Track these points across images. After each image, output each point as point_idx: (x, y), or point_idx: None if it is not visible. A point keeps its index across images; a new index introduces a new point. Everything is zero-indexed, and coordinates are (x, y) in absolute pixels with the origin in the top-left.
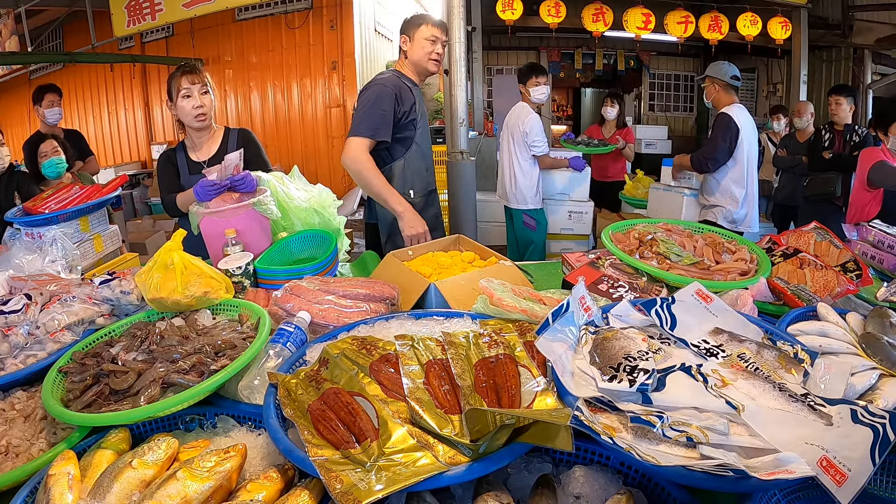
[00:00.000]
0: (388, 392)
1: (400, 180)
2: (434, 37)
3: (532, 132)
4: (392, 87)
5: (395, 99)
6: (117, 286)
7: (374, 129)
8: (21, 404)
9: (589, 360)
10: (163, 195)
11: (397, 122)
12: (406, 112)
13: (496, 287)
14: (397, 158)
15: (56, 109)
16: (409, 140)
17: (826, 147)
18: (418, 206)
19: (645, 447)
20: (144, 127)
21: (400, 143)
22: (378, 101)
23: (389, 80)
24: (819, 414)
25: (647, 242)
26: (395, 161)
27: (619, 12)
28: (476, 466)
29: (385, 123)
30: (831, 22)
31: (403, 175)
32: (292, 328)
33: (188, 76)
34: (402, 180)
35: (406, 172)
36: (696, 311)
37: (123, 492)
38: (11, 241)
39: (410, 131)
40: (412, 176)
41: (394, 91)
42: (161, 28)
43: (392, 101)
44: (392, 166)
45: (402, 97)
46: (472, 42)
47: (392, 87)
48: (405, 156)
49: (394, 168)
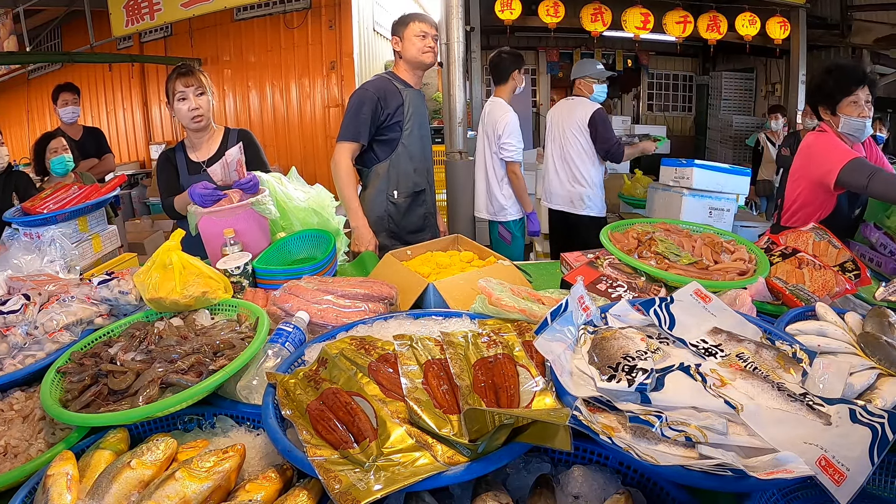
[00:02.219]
0: (387, 392)
1: (384, 181)
2: (423, 32)
3: (505, 132)
4: (374, 91)
5: (376, 103)
6: (116, 286)
7: (357, 132)
8: (19, 405)
9: (587, 359)
10: (162, 197)
11: (380, 125)
12: (391, 114)
13: (495, 287)
14: (382, 160)
15: (70, 108)
16: (395, 142)
17: None
18: (402, 207)
19: (644, 447)
20: (143, 127)
21: (385, 144)
22: (359, 105)
23: (372, 84)
24: (818, 413)
25: (646, 242)
26: (380, 162)
27: (618, 12)
28: (475, 466)
29: (366, 127)
30: (830, 22)
31: (387, 176)
32: (291, 328)
33: (182, 79)
34: (385, 181)
35: (390, 174)
36: (695, 310)
37: (122, 492)
38: (10, 241)
39: (396, 133)
40: (397, 177)
41: (375, 94)
42: (160, 28)
43: (373, 104)
44: (376, 167)
45: (387, 100)
46: (470, 42)
47: (374, 90)
48: (390, 157)
49: (378, 169)
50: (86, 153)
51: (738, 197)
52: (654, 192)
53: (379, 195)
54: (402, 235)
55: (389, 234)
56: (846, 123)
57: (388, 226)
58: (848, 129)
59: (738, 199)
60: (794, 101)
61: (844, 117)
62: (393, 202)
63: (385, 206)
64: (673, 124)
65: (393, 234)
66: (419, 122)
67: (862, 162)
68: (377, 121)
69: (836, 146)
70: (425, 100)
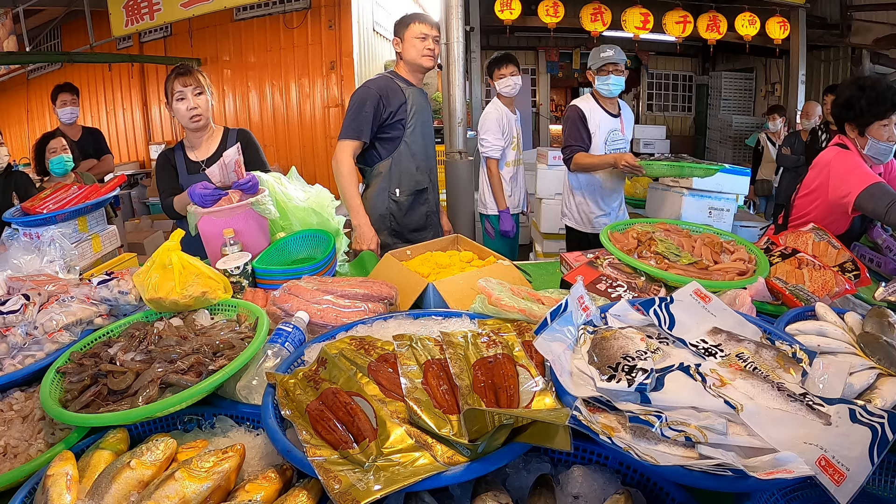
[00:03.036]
0: (387, 392)
1: (385, 179)
2: (423, 34)
3: (482, 128)
4: (376, 89)
5: (378, 100)
6: (115, 286)
7: (359, 130)
8: (19, 405)
9: (587, 359)
10: (162, 197)
11: (382, 123)
12: (393, 112)
13: (494, 287)
14: (385, 158)
15: (69, 109)
16: (397, 140)
17: (824, 147)
18: (404, 206)
19: (643, 447)
20: (143, 127)
21: (388, 142)
22: (361, 103)
23: (375, 83)
24: (817, 413)
25: (646, 242)
26: (382, 160)
27: (618, 12)
28: (474, 466)
29: (368, 125)
30: (829, 22)
31: (389, 174)
32: (290, 328)
33: (181, 78)
34: (387, 179)
35: (392, 172)
36: (695, 310)
37: (121, 492)
38: (9, 241)
39: (398, 131)
40: (399, 175)
41: (378, 92)
42: (159, 28)
43: (375, 102)
44: (378, 165)
45: (389, 98)
46: (470, 42)
47: (376, 88)
48: (392, 155)
49: (380, 167)
50: (85, 153)
51: (738, 197)
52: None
53: (381, 193)
54: (404, 234)
55: (391, 232)
56: (873, 146)
57: (390, 224)
58: (874, 153)
59: (737, 199)
60: (793, 101)
61: (873, 140)
62: (395, 200)
63: (387, 204)
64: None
65: (395, 232)
66: (422, 120)
67: (882, 188)
68: (379, 119)
69: (857, 167)
70: (428, 98)
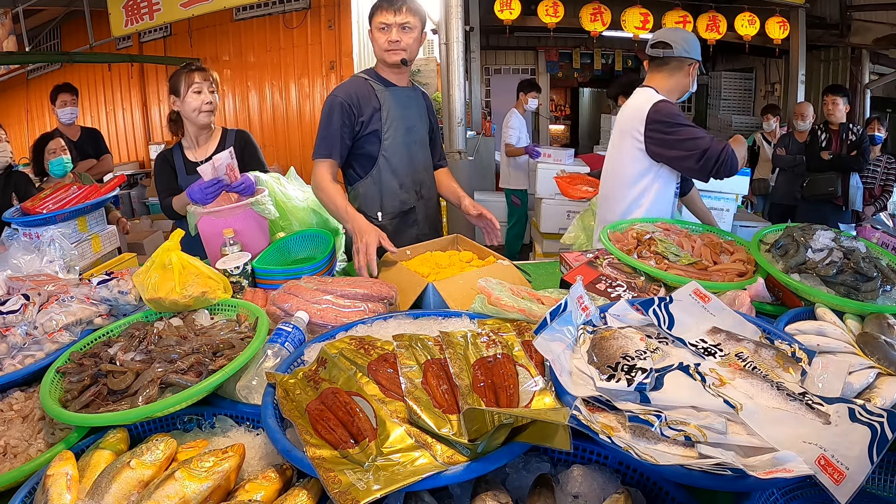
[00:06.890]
0: (387, 392)
1: (364, 203)
2: (383, 24)
3: (508, 124)
4: (343, 96)
5: (343, 111)
6: (115, 286)
7: (329, 148)
8: (19, 405)
9: (587, 359)
10: (161, 197)
11: (354, 137)
12: (365, 122)
13: (494, 286)
14: (363, 177)
15: (69, 109)
16: (373, 156)
17: (823, 147)
18: (389, 230)
19: (643, 446)
20: (142, 127)
21: (363, 159)
22: (328, 116)
23: (342, 88)
24: (817, 413)
25: (646, 242)
26: (362, 180)
27: (617, 12)
28: (474, 466)
29: (338, 140)
30: (829, 22)
31: (367, 197)
32: (290, 328)
33: (200, 73)
34: (365, 203)
35: (369, 194)
36: (694, 310)
37: (122, 492)
38: (9, 241)
39: (373, 144)
40: (379, 197)
41: (344, 100)
42: (159, 28)
43: (341, 113)
44: (357, 186)
45: (360, 105)
46: (470, 42)
47: (343, 95)
48: (371, 173)
49: (359, 188)
50: (84, 154)
51: (738, 197)
52: None
53: None
54: None
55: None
56: None
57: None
58: None
59: (737, 199)
60: (793, 101)
61: None
62: (378, 225)
63: None
64: None
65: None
66: (405, 126)
67: None
68: (353, 130)
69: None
70: (420, 96)
